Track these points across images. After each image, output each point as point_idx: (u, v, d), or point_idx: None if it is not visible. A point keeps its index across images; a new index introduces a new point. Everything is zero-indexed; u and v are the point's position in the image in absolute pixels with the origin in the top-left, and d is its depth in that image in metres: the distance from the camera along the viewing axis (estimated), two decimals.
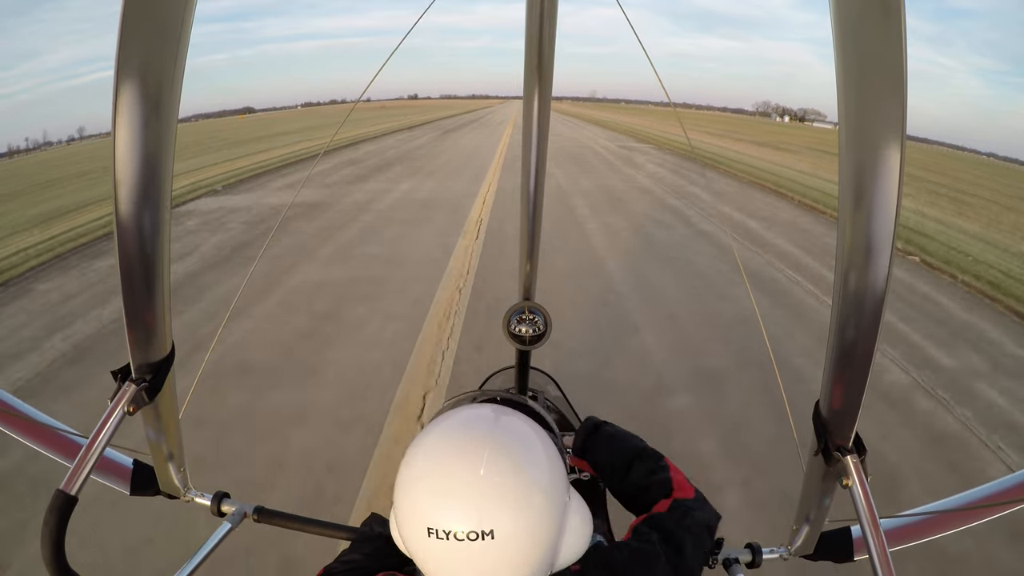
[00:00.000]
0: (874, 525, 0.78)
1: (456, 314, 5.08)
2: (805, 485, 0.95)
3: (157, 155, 0.66)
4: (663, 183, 13.21)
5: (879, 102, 0.53)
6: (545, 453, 0.69)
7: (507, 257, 6.70)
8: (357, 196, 10.83)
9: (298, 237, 7.69)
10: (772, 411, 3.54)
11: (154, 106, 0.63)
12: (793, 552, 1.07)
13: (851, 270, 0.63)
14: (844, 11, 0.52)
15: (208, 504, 1.14)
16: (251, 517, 1.13)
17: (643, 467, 0.97)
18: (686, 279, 6.22)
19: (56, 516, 0.79)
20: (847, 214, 0.61)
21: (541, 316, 1.41)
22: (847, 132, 0.57)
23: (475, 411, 0.74)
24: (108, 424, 0.84)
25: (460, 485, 0.63)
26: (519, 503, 0.63)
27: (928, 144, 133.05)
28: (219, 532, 1.08)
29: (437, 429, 0.70)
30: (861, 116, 0.55)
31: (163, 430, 1.00)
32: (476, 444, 0.66)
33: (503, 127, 35.06)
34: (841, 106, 0.56)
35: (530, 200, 1.09)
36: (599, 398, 3.65)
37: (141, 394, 0.86)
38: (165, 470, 1.08)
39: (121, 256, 0.71)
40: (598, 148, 22.00)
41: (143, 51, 0.59)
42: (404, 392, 3.78)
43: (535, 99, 0.91)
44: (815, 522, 0.99)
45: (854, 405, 0.73)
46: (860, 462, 0.79)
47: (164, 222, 0.72)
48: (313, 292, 5.65)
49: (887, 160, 0.55)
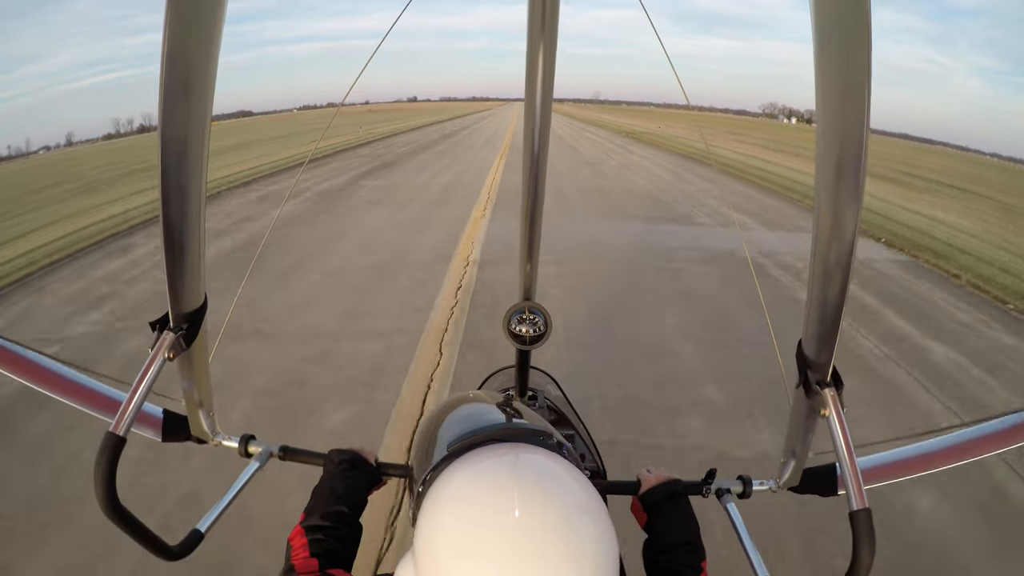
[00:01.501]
0: (848, 453, 0.88)
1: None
2: (791, 420, 1.06)
3: (194, 131, 0.77)
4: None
5: (851, 88, 0.64)
6: (571, 475, 0.68)
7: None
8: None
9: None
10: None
11: (192, 91, 0.73)
12: (781, 485, 1.17)
13: (825, 229, 0.75)
14: (822, 14, 0.62)
15: (236, 446, 1.23)
16: (276, 455, 1.22)
17: (683, 556, 1.01)
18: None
19: (107, 456, 0.86)
20: (822, 181, 0.73)
21: (541, 316, 1.43)
22: (824, 98, 0.67)
23: (492, 463, 0.70)
24: (151, 369, 0.94)
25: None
26: (573, 529, 0.60)
27: (932, 144, 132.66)
28: (247, 472, 1.17)
29: (469, 491, 0.65)
30: (837, 90, 0.66)
31: (195, 378, 1.10)
32: (510, 493, 0.62)
33: (491, 152, 20.95)
34: (819, 90, 0.67)
35: (530, 200, 1.11)
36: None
37: (179, 341, 0.96)
38: (196, 416, 1.18)
39: (164, 218, 0.82)
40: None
41: (184, 50, 0.70)
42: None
43: (536, 101, 0.92)
44: (800, 456, 1.10)
45: (830, 343, 0.85)
46: (837, 395, 0.89)
47: (200, 189, 0.84)
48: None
49: (857, 136, 0.65)
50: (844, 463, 0.87)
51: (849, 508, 0.84)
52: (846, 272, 0.76)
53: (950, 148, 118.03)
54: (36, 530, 2.74)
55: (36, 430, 3.51)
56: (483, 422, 0.86)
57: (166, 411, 1.20)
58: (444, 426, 0.94)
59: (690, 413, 3.74)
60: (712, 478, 1.18)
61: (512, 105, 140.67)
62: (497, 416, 0.95)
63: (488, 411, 0.98)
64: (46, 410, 3.62)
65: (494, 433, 0.78)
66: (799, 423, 1.03)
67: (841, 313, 0.81)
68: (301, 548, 0.91)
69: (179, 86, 0.71)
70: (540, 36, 0.82)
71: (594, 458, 1.67)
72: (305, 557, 0.90)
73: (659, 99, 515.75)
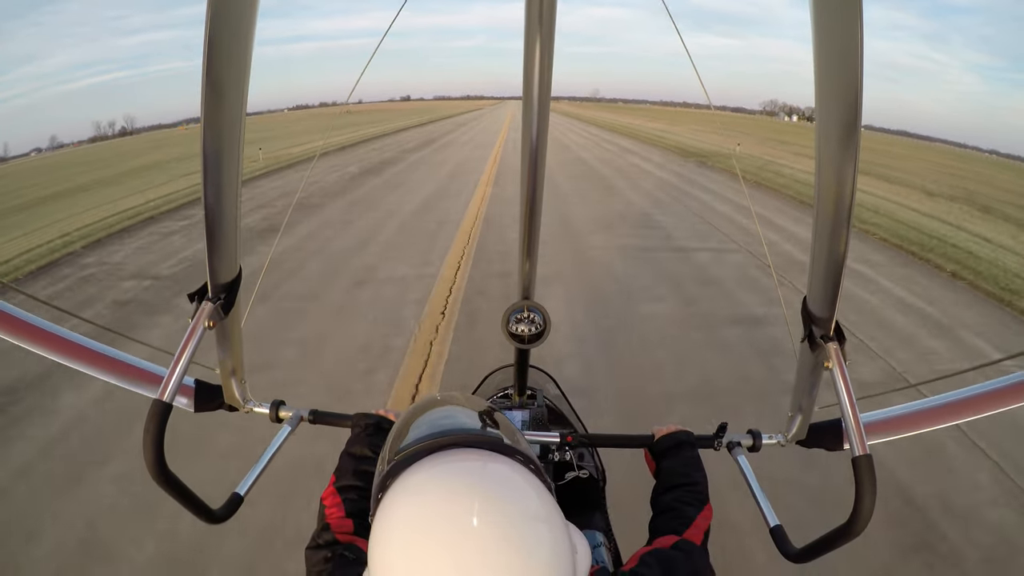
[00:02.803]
0: (850, 402, 0.93)
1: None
2: (797, 374, 1.13)
3: (230, 123, 0.84)
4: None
5: (847, 49, 0.67)
6: (531, 486, 0.65)
7: None
8: None
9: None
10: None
11: (227, 91, 0.81)
12: (789, 439, 1.24)
13: (826, 190, 0.80)
14: (821, 20, 0.67)
15: (267, 412, 1.29)
16: (306, 419, 1.28)
17: (684, 495, 1.07)
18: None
19: (156, 422, 0.92)
20: (822, 142, 0.77)
21: (540, 315, 1.44)
22: (821, 56, 0.72)
23: (448, 466, 0.66)
24: (192, 338, 0.99)
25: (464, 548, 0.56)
26: (526, 544, 0.58)
27: (930, 142, 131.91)
28: (279, 437, 1.24)
29: (416, 497, 0.62)
30: (836, 51, 0.70)
31: (229, 347, 1.16)
32: (462, 502, 0.60)
33: (462, 186, 12.89)
34: (816, 48, 0.71)
35: (529, 200, 1.12)
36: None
37: (217, 310, 1.03)
38: (229, 384, 1.24)
39: (205, 198, 0.90)
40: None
41: (221, 52, 0.77)
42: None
43: (534, 99, 0.93)
44: (806, 410, 1.17)
45: (833, 298, 0.90)
46: (840, 348, 0.95)
47: (236, 172, 0.92)
48: None
49: (854, 97, 0.69)
50: (847, 412, 0.93)
51: (852, 454, 0.89)
52: (846, 230, 0.81)
53: (948, 145, 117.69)
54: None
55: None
56: (448, 427, 0.77)
57: (198, 381, 1.25)
58: (412, 428, 0.90)
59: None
60: (723, 432, 1.26)
61: (506, 104, 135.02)
62: (466, 422, 0.84)
63: (457, 414, 0.88)
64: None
65: (456, 438, 0.70)
66: (805, 377, 1.10)
67: (843, 270, 0.86)
68: (335, 507, 0.97)
69: (217, 86, 0.78)
70: (537, 34, 0.82)
71: (592, 458, 1.68)
72: (340, 516, 0.95)
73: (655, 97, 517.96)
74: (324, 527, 0.93)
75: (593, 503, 1.55)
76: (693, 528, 0.99)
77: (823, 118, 0.75)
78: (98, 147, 66.32)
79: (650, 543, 0.97)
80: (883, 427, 1.18)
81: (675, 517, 1.03)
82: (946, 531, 2.79)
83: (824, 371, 1.00)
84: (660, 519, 1.05)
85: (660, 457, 1.21)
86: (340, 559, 0.86)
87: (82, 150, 64.85)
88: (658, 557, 0.88)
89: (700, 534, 0.99)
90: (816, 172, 0.82)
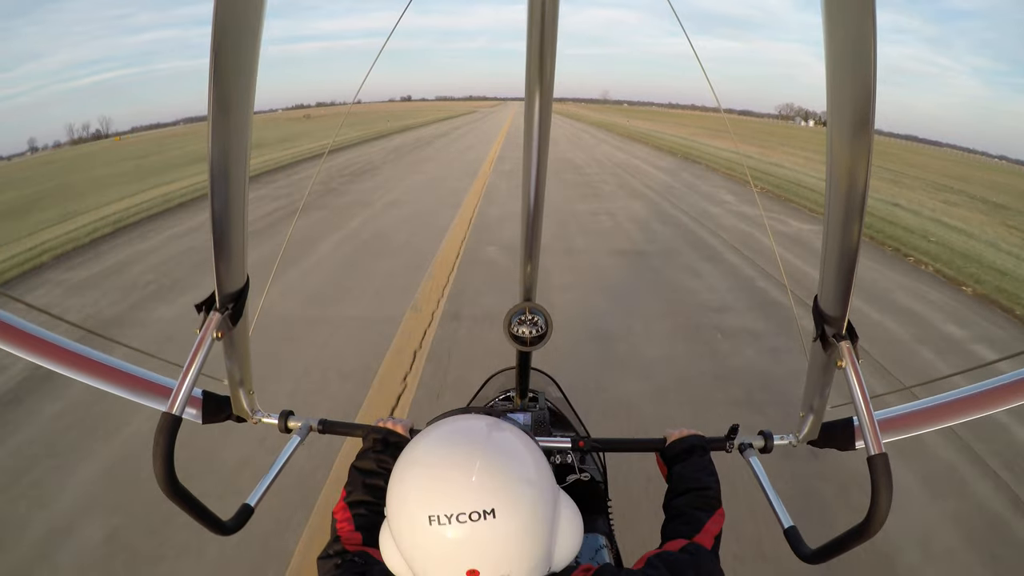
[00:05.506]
0: (864, 401, 0.94)
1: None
2: (809, 374, 1.14)
3: (237, 133, 0.86)
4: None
5: (860, 43, 0.69)
6: (530, 453, 0.81)
7: None
8: None
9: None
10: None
11: (233, 102, 0.83)
12: (801, 439, 1.25)
13: (838, 187, 0.82)
14: (833, 14, 0.69)
15: (276, 423, 1.29)
16: (315, 429, 1.29)
17: (694, 499, 1.10)
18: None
19: (165, 435, 0.93)
20: (835, 139, 0.79)
21: (542, 317, 1.42)
22: (833, 53, 0.74)
23: (462, 422, 0.84)
24: (201, 349, 1.00)
25: (459, 472, 0.73)
26: (514, 486, 0.74)
27: (938, 147, 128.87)
28: (289, 446, 1.24)
29: (428, 436, 0.81)
30: (848, 47, 0.71)
31: (237, 358, 1.17)
32: (469, 441, 0.78)
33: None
34: (827, 44, 0.73)
35: (530, 201, 1.13)
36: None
37: (225, 320, 1.04)
38: (237, 395, 1.25)
39: (212, 207, 0.91)
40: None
41: (227, 66, 0.79)
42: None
43: (536, 100, 0.94)
44: (818, 410, 1.19)
45: (845, 297, 0.91)
46: (852, 347, 0.96)
47: (243, 181, 0.93)
48: None
49: (867, 93, 0.71)
50: (861, 411, 0.94)
51: (867, 453, 0.90)
52: (858, 228, 0.82)
53: (956, 151, 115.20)
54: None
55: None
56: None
57: (206, 392, 1.25)
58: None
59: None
60: (735, 434, 1.26)
61: (508, 105, 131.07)
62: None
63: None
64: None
65: (468, 410, 0.88)
66: (817, 377, 1.12)
67: (855, 269, 0.87)
68: (346, 522, 1.02)
69: (224, 96, 0.81)
70: (539, 35, 0.82)
71: (594, 460, 1.69)
72: (350, 530, 1.00)
73: (660, 99, 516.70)
74: (335, 539, 1.00)
75: (595, 506, 1.55)
76: (704, 532, 1.02)
77: (835, 115, 0.77)
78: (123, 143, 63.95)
79: (660, 547, 1.00)
80: (896, 424, 1.20)
81: (686, 522, 1.05)
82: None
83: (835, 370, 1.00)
84: (671, 524, 1.08)
85: (672, 462, 1.24)
86: (350, 564, 0.94)
87: (83, 149, 64.11)
88: (665, 560, 0.91)
89: (711, 538, 1.02)
90: (828, 170, 0.84)
